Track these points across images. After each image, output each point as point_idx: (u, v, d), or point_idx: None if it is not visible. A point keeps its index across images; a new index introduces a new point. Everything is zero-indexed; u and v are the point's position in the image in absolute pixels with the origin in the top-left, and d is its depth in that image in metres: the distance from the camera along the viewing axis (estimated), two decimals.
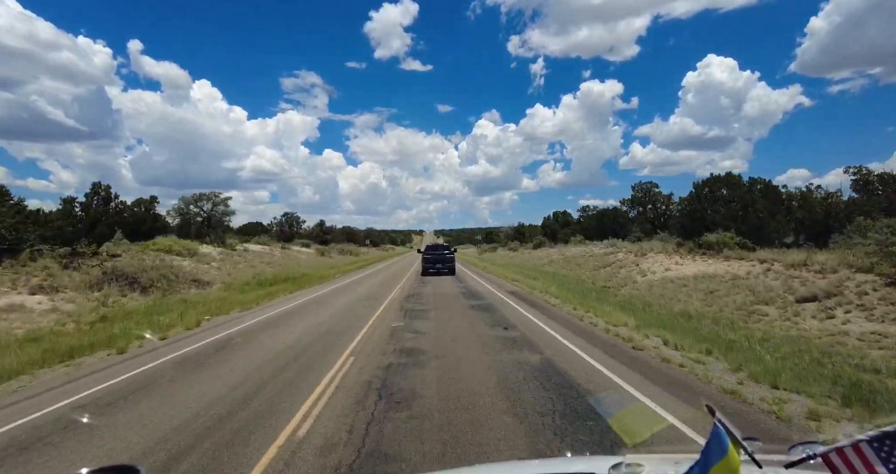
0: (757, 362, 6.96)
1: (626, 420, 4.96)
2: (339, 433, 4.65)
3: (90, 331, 10.37)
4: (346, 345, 8.75)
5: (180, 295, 17.21)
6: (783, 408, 5.13)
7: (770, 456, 1.36)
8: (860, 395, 5.36)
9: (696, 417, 4.78)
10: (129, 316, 12.43)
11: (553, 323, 11.03)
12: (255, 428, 4.82)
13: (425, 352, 8.15)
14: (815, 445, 1.26)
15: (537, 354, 7.90)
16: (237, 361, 7.73)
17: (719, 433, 1.13)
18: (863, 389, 5.59)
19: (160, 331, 10.48)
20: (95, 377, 6.99)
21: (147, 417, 5.20)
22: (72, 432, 4.90)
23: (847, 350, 8.71)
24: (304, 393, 5.93)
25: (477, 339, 9.24)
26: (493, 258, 54.68)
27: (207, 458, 4.15)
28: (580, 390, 5.90)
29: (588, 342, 8.83)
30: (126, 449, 4.40)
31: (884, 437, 1.05)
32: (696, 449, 1.16)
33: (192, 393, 6.05)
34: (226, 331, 10.53)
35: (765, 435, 4.54)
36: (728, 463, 1.07)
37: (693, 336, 9.16)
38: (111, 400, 5.87)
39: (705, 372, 6.69)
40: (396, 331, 10.28)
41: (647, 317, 11.38)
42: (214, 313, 13.20)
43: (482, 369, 6.99)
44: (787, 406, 5.23)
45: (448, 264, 26.91)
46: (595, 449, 4.15)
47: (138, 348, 8.96)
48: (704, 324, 10.99)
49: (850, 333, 10.26)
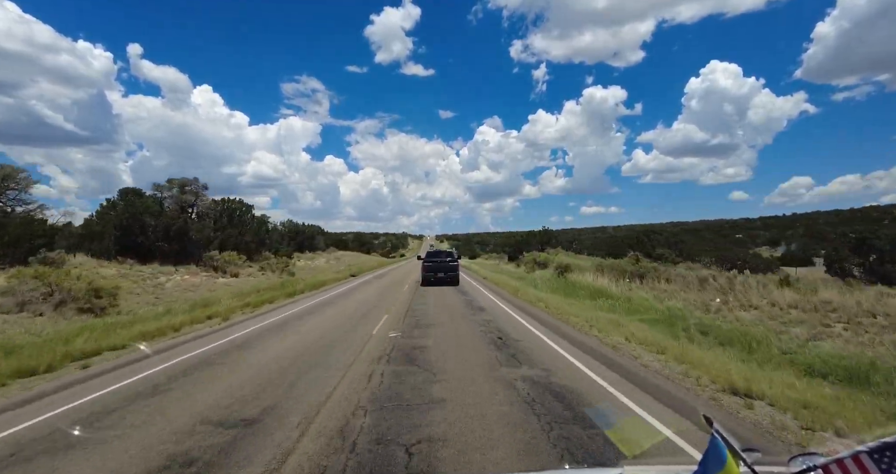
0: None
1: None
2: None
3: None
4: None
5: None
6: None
7: (769, 467, 1.35)
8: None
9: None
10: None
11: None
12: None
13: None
14: (815, 457, 1.25)
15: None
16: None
17: (717, 444, 1.12)
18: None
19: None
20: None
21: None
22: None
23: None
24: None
25: None
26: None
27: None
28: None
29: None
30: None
31: (884, 448, 1.04)
32: (694, 460, 1.14)
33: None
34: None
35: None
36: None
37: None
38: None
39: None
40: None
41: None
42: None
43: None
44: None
45: (451, 273, 24.53)
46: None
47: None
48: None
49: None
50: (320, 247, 59.06)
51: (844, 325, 12.10)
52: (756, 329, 10.79)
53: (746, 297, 16.56)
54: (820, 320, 12.59)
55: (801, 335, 10.87)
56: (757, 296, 16.50)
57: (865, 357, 7.71)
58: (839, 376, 6.78)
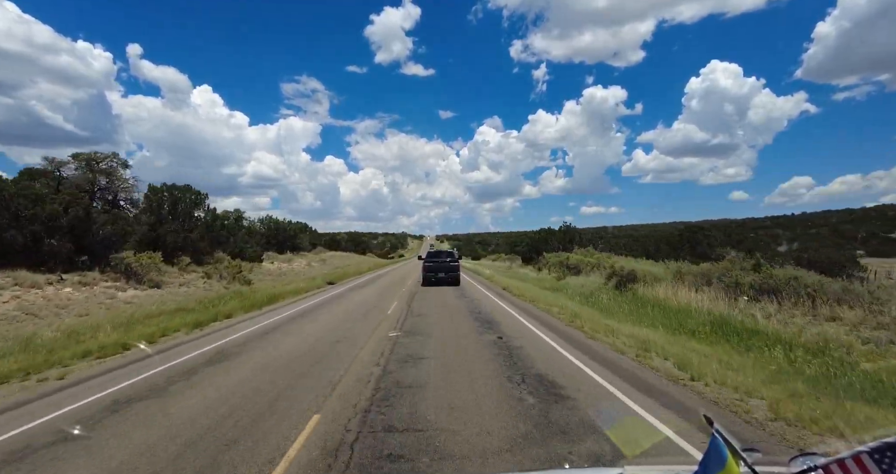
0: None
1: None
2: None
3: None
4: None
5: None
6: None
7: (769, 467, 1.35)
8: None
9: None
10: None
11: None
12: None
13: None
14: (815, 457, 1.25)
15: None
16: None
17: (718, 444, 1.12)
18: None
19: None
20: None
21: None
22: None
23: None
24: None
25: None
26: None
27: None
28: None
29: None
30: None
31: (885, 448, 1.04)
32: (694, 460, 1.15)
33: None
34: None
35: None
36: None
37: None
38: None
39: None
40: None
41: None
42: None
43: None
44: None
45: (451, 273, 25.41)
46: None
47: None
48: None
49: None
50: (305, 247, 53.02)
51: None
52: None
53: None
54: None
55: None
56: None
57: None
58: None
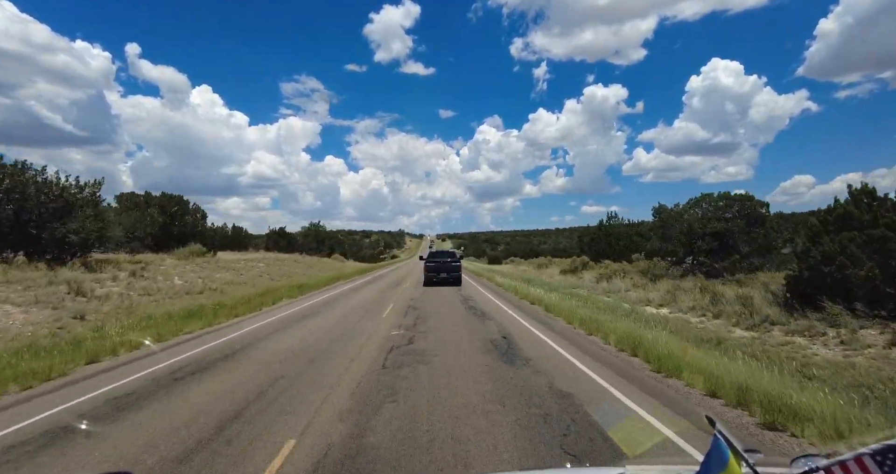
0: None
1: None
2: None
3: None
4: None
5: None
6: None
7: (771, 468, 1.34)
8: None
9: None
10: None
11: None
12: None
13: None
14: (817, 458, 1.25)
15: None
16: None
17: (719, 445, 1.12)
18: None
19: None
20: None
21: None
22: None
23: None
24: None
25: None
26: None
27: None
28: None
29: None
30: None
31: (887, 450, 1.04)
32: (695, 460, 1.15)
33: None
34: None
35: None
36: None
37: None
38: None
39: None
40: None
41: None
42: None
43: None
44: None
45: (453, 273, 25.45)
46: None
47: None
48: None
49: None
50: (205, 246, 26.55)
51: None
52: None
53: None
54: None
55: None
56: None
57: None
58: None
